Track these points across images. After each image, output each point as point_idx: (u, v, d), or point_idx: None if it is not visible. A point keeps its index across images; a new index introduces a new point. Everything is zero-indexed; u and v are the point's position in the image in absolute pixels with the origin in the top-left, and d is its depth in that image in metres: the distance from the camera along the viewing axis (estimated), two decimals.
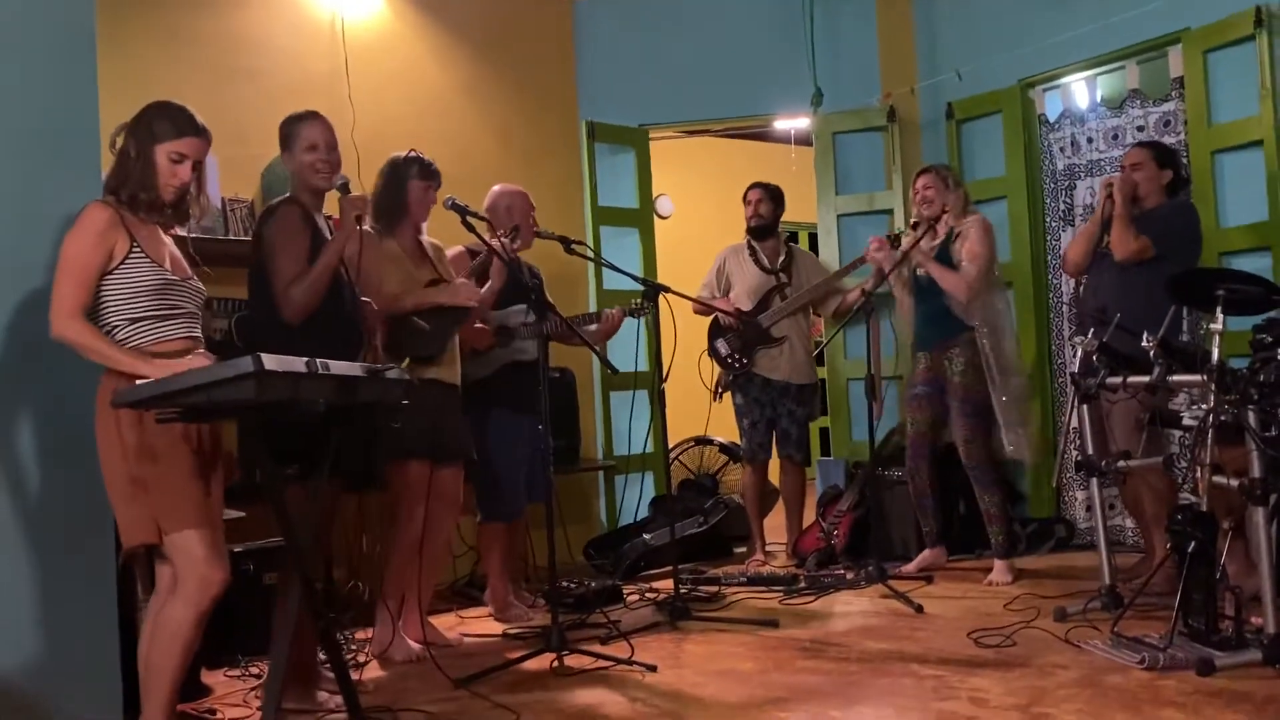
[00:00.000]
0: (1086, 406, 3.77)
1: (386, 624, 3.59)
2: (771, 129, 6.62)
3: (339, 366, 2.48)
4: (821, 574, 4.63)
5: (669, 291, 4.05)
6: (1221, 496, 3.12)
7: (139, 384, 2.27)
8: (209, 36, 4.51)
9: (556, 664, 3.35)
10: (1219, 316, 3.19)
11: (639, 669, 3.26)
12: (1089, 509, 4.90)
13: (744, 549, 5.34)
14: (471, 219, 3.56)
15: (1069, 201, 5.16)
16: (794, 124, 6.36)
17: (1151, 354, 3.29)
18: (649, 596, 4.36)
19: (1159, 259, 3.87)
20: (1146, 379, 3.35)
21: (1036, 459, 4.74)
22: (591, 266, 5.55)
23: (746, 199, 5.21)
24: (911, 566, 4.65)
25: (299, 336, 2.82)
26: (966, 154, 5.51)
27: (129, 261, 2.48)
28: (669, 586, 4.18)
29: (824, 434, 6.10)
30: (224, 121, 3.74)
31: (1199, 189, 4.53)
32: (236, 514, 3.28)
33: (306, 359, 2.36)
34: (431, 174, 3.72)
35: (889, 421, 5.29)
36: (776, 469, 5.24)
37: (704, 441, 6.10)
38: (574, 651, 3.41)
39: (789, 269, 5.17)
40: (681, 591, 4.10)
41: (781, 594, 4.33)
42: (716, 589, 4.44)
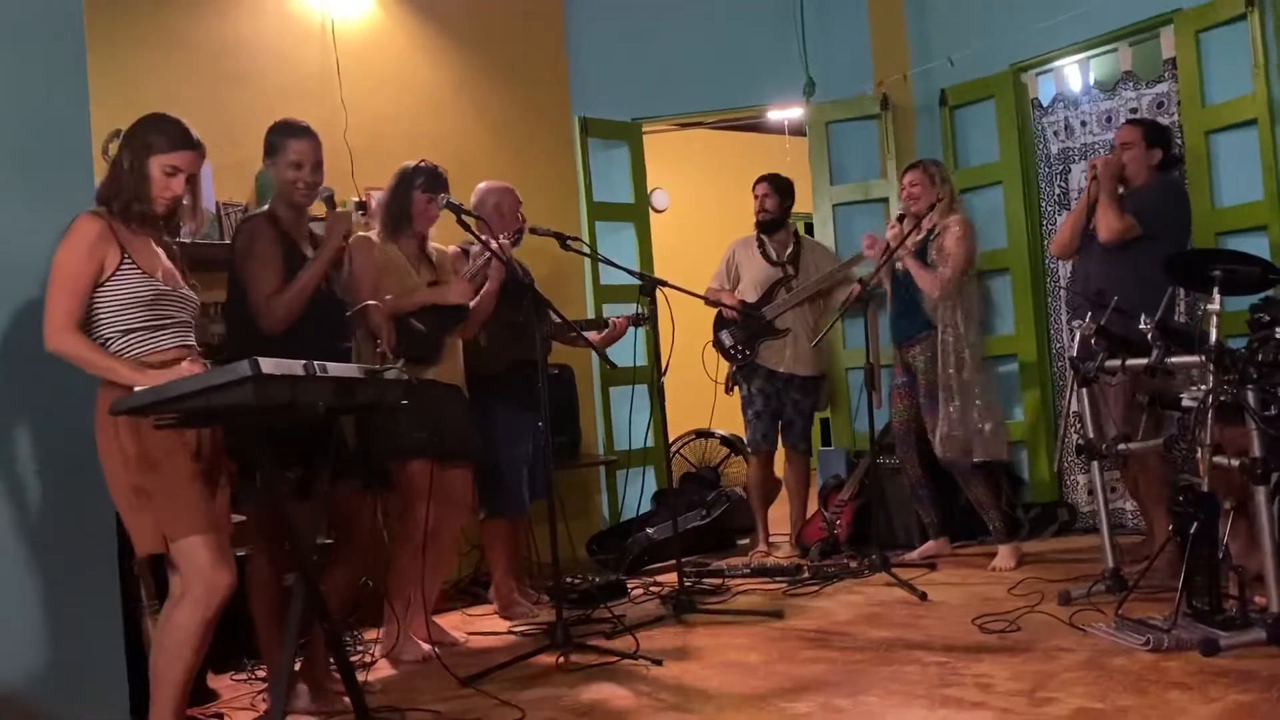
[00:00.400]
0: (1086, 390, 3.77)
1: (393, 624, 3.59)
2: (765, 120, 6.62)
3: (337, 368, 2.48)
4: (825, 564, 4.63)
5: (666, 286, 4.05)
6: (1223, 477, 3.11)
7: (137, 390, 2.27)
8: (199, 41, 4.50)
9: (562, 660, 3.35)
10: (1216, 297, 3.19)
11: (645, 663, 3.27)
12: (1091, 493, 4.91)
13: (747, 541, 5.35)
14: (466, 218, 3.57)
15: (1064, 186, 5.15)
16: (787, 114, 6.35)
17: (1150, 336, 3.29)
18: (653, 591, 4.36)
19: (1147, 238, 3.86)
20: (1145, 361, 3.35)
21: (999, 455, 4.55)
22: (588, 262, 5.54)
23: (754, 193, 5.21)
24: (915, 555, 4.66)
25: (276, 345, 2.81)
26: (960, 140, 5.50)
27: (120, 273, 2.48)
28: (673, 580, 4.18)
29: (824, 424, 6.10)
30: (216, 126, 3.74)
31: (1194, 170, 4.53)
32: (238, 518, 3.28)
33: (304, 362, 2.36)
34: (436, 185, 3.70)
35: (889, 410, 5.28)
36: (778, 461, 5.25)
37: (705, 434, 6.11)
38: (579, 647, 3.41)
39: (796, 261, 5.16)
40: (686, 585, 4.11)
41: (786, 585, 4.33)
42: (720, 581, 4.44)
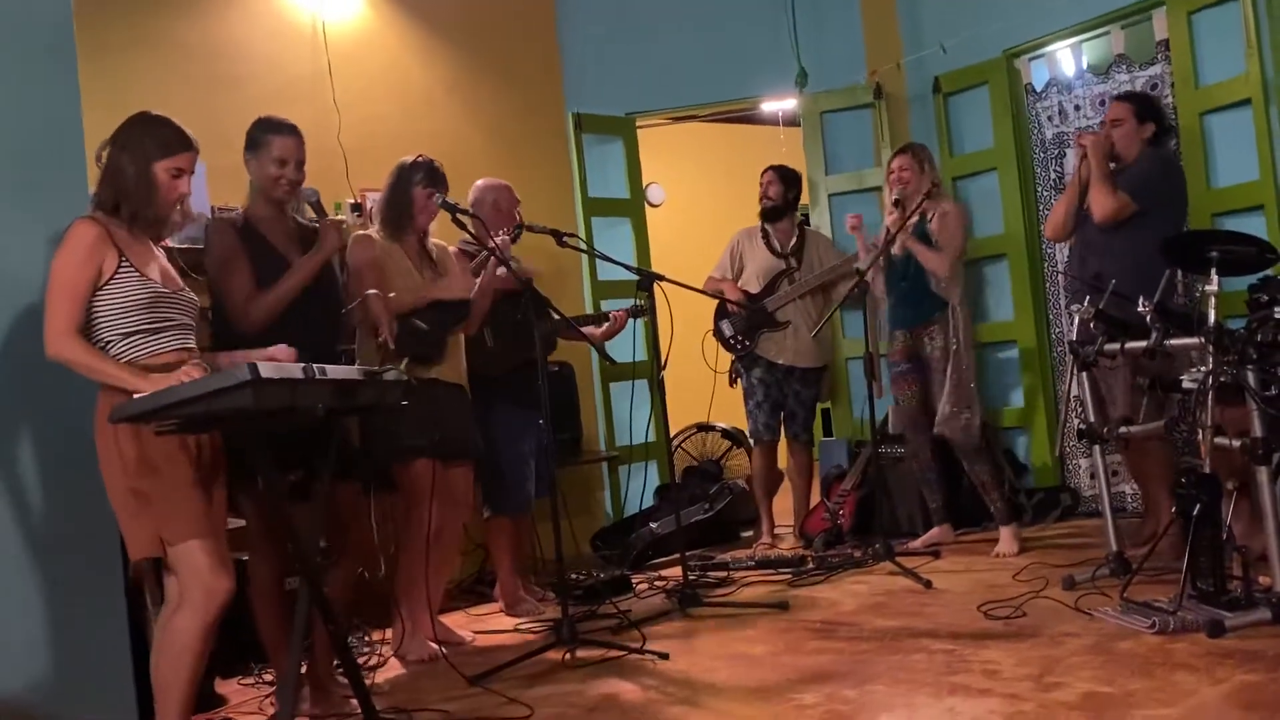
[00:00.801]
0: (1086, 374, 3.77)
1: (402, 624, 3.59)
2: (759, 112, 6.61)
3: (336, 371, 2.48)
4: (829, 554, 4.63)
5: (664, 280, 4.04)
6: (1224, 458, 3.11)
7: (136, 398, 2.27)
8: (191, 45, 4.49)
9: (569, 656, 3.35)
10: (1213, 278, 3.18)
11: (651, 658, 3.27)
12: (1093, 476, 4.91)
13: (750, 533, 5.35)
14: (462, 216, 3.57)
15: (1059, 170, 5.15)
16: (781, 106, 6.34)
17: (1148, 319, 3.29)
18: (658, 585, 4.36)
19: (1142, 214, 3.84)
20: (1144, 344, 3.35)
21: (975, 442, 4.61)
22: (585, 259, 5.54)
23: (760, 181, 5.21)
24: (919, 543, 4.66)
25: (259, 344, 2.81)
26: (954, 127, 5.50)
27: (118, 277, 2.48)
28: (678, 574, 4.19)
29: (825, 414, 6.10)
30: (209, 130, 3.71)
31: (1189, 152, 4.52)
32: (238, 523, 3.28)
33: (303, 365, 2.36)
34: (436, 181, 3.70)
35: (889, 400, 5.28)
36: (781, 453, 5.24)
37: (706, 428, 6.10)
38: (586, 643, 3.41)
39: (799, 253, 5.16)
40: (690, 578, 4.11)
41: (790, 576, 4.33)
42: (725, 574, 4.44)
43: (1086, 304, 3.60)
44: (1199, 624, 2.95)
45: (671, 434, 4.70)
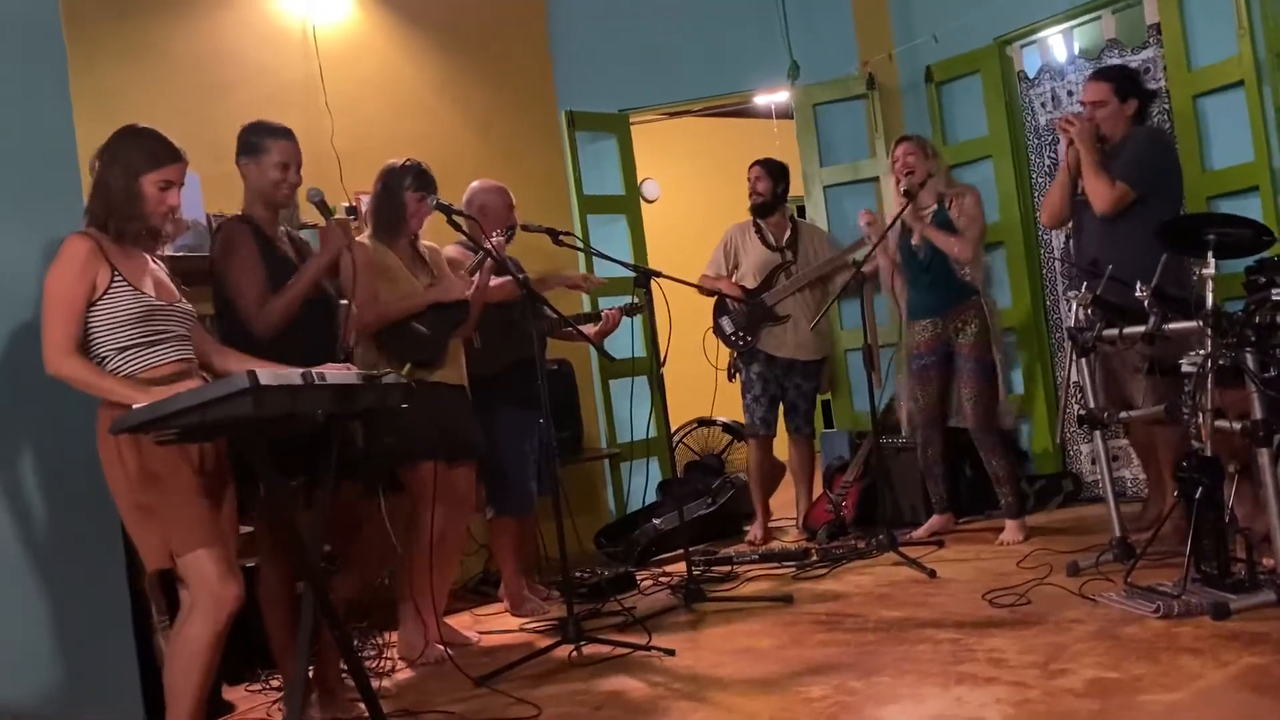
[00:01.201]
0: (1085, 360, 3.76)
1: (409, 626, 3.60)
2: (752, 105, 6.60)
3: (335, 376, 2.48)
4: (833, 546, 4.63)
5: (661, 276, 4.04)
6: (1225, 440, 3.12)
7: (135, 408, 2.27)
8: (182, 54, 4.48)
9: (575, 654, 3.35)
10: (1210, 261, 3.18)
11: (657, 654, 3.27)
12: (1094, 462, 4.91)
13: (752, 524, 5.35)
14: (458, 218, 3.56)
15: (1054, 157, 5.14)
16: (774, 99, 6.34)
17: (1146, 303, 3.28)
18: (662, 581, 4.36)
19: (1141, 201, 3.81)
20: (1142, 329, 3.34)
21: (1016, 420, 4.75)
22: (581, 257, 5.53)
23: (748, 177, 5.20)
24: (921, 532, 4.66)
25: (270, 351, 2.81)
26: (948, 116, 5.49)
27: (112, 291, 2.48)
28: (682, 569, 4.18)
29: (825, 406, 6.11)
30: (202, 138, 3.72)
31: (1183, 134, 4.52)
32: (246, 529, 3.28)
33: (302, 370, 2.36)
34: (426, 184, 3.68)
35: (888, 390, 5.29)
36: (783, 445, 5.24)
37: (707, 423, 6.11)
38: (592, 641, 3.41)
39: (795, 246, 5.15)
40: (695, 574, 4.10)
41: (794, 569, 4.33)
42: (729, 569, 4.45)
43: (1084, 290, 3.60)
44: (1204, 607, 2.95)
45: (672, 429, 4.71)
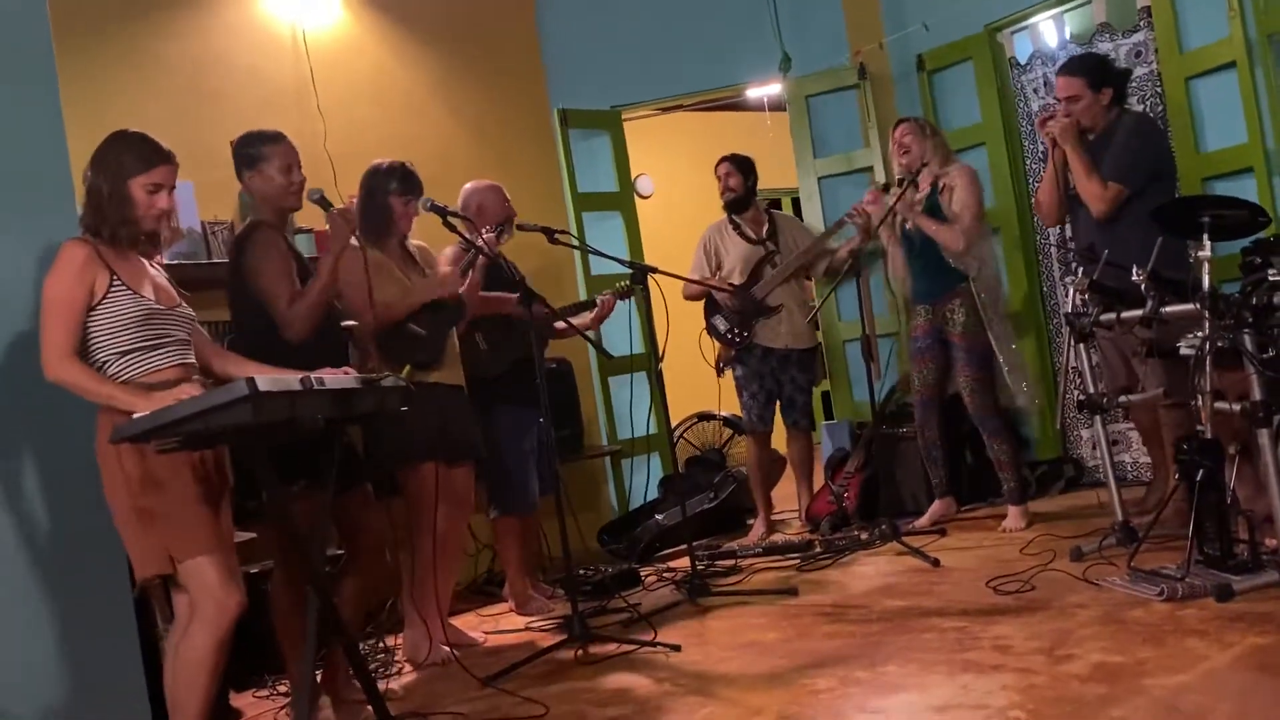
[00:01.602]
0: (1084, 345, 3.76)
1: (414, 628, 3.60)
2: (745, 98, 6.60)
3: (334, 380, 2.48)
4: (836, 537, 4.63)
5: (657, 272, 4.04)
6: (1225, 422, 3.12)
7: (136, 417, 2.27)
8: (172, 62, 4.47)
9: (581, 652, 3.35)
10: (1206, 243, 3.18)
11: (663, 650, 3.27)
12: (1094, 447, 4.91)
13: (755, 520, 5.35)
14: (452, 219, 3.55)
15: (1045, 146, 5.13)
16: (766, 91, 6.33)
17: (1143, 287, 3.28)
18: (667, 576, 4.37)
19: (1137, 194, 3.77)
20: (1140, 313, 3.34)
21: (1039, 403, 4.72)
22: (577, 254, 5.53)
23: (716, 174, 5.20)
24: (924, 520, 4.66)
25: (289, 354, 2.82)
26: (940, 104, 5.48)
27: (111, 295, 2.48)
28: (686, 565, 4.19)
29: (825, 397, 6.11)
30: (195, 145, 3.72)
31: (1176, 117, 4.52)
32: (247, 535, 3.29)
33: (301, 376, 2.36)
34: (411, 186, 3.67)
35: (888, 380, 5.29)
36: (782, 439, 5.24)
37: (707, 417, 6.11)
38: (597, 638, 3.41)
39: (775, 237, 5.15)
40: (699, 568, 4.11)
41: (798, 561, 4.34)
42: (733, 562, 4.45)
43: (1081, 275, 3.60)
44: (1207, 589, 2.96)
45: (673, 425, 4.71)
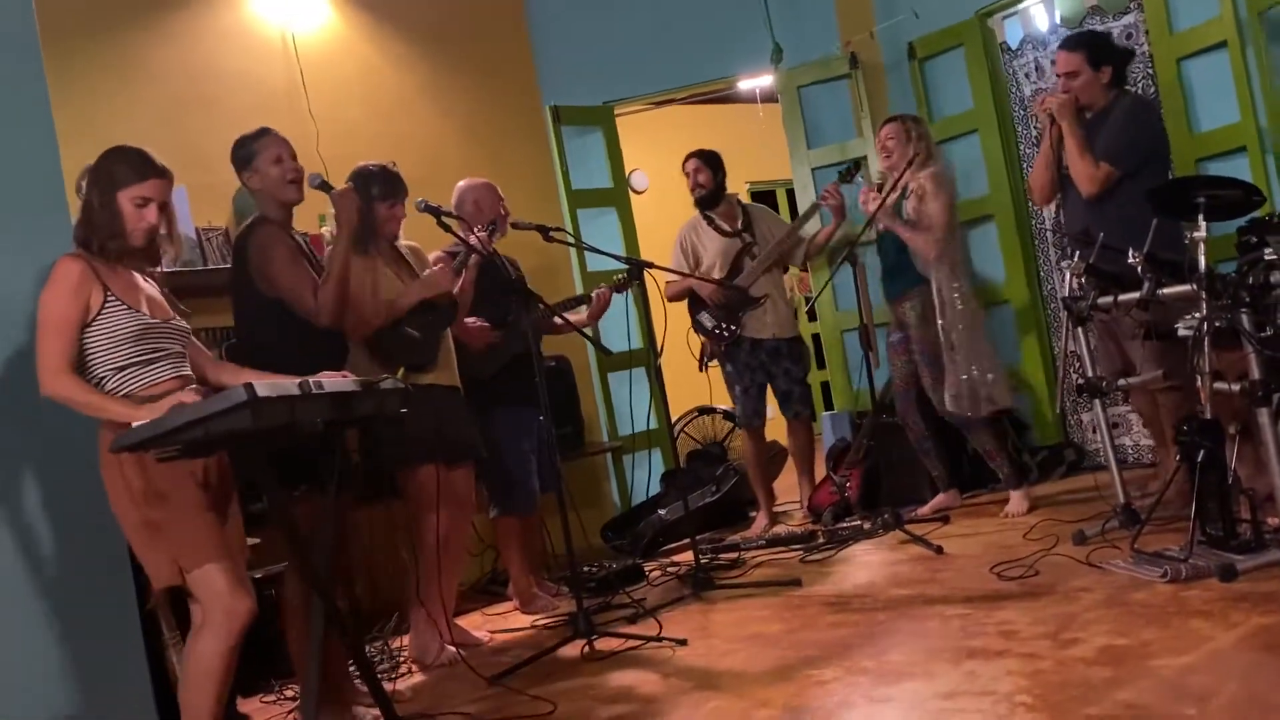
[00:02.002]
0: (1082, 329, 3.76)
1: (420, 630, 3.61)
2: (737, 90, 6.59)
3: (332, 383, 2.47)
4: (839, 527, 4.64)
5: (654, 267, 4.04)
6: (1225, 402, 3.12)
7: (135, 426, 2.27)
8: (163, 69, 4.47)
9: (587, 649, 3.36)
10: (1202, 224, 3.18)
11: (669, 644, 3.27)
12: (1095, 430, 4.92)
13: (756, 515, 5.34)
14: (446, 219, 3.55)
15: (1040, 128, 5.13)
16: (758, 83, 6.32)
17: (1139, 269, 3.28)
18: (670, 571, 4.37)
19: (1129, 175, 3.75)
20: (1136, 295, 3.34)
21: (1006, 402, 4.56)
22: (573, 251, 5.53)
23: (684, 170, 5.19)
24: (926, 509, 4.66)
25: (292, 353, 2.83)
26: (932, 92, 5.48)
27: (106, 311, 2.48)
28: (689, 559, 4.19)
29: (825, 388, 6.11)
30: (187, 151, 3.72)
31: (1168, 98, 4.51)
32: (252, 540, 3.28)
33: (300, 380, 2.35)
34: (394, 190, 3.66)
35: (887, 369, 5.28)
36: (782, 431, 5.24)
37: (707, 411, 6.11)
38: (603, 635, 3.42)
39: (750, 228, 5.13)
40: (702, 562, 4.11)
41: (801, 552, 4.33)
42: (736, 555, 4.45)
43: (1077, 259, 3.59)
44: (1211, 570, 2.96)
45: (673, 419, 4.71)
